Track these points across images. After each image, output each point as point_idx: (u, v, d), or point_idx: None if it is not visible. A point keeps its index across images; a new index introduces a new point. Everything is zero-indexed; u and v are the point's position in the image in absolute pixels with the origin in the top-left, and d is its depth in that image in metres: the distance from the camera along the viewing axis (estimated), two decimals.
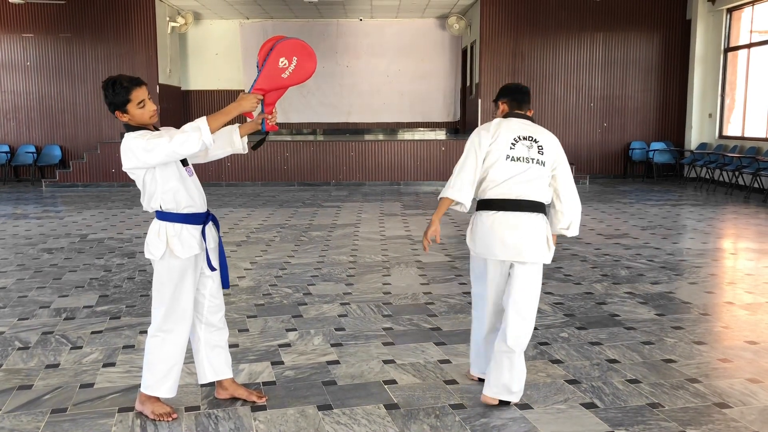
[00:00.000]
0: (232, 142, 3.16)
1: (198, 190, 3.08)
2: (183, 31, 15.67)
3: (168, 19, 14.70)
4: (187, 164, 3.06)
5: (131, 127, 2.97)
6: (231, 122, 3.18)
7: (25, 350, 4.04)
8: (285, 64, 3.02)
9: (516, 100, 3.40)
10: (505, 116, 3.39)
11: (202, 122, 2.85)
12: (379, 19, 16.45)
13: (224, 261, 3.22)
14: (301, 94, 16.16)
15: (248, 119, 3.20)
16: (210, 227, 3.13)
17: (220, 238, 3.23)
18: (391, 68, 16.65)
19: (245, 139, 3.21)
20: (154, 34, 14.01)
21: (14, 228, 8.46)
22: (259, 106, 3.09)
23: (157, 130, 3.03)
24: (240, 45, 16.46)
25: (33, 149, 14.04)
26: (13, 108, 14.24)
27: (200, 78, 16.44)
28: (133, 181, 3.05)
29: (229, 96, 16.57)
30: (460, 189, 3.19)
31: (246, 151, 3.24)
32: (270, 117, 3.13)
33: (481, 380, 3.41)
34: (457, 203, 3.23)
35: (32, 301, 5.11)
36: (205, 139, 2.83)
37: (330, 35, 16.48)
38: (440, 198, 3.26)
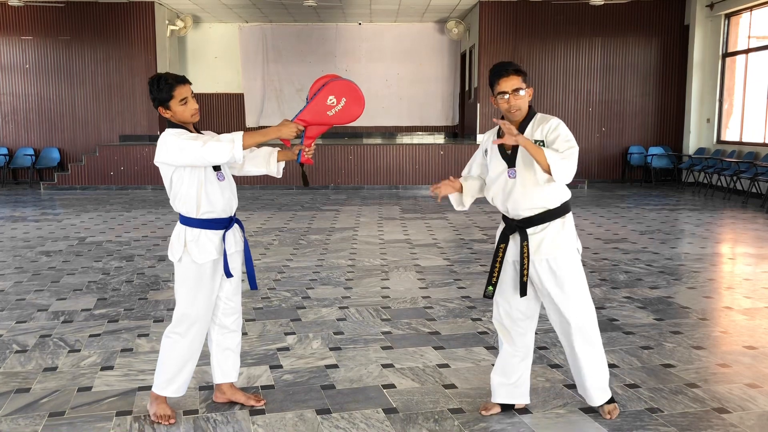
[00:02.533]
0: (268, 163, 3.21)
1: (223, 196, 3.07)
2: (182, 35, 15.68)
3: (167, 22, 14.71)
4: (220, 169, 3.08)
5: (172, 124, 3.03)
6: (272, 146, 3.21)
7: (22, 353, 4.03)
8: (333, 102, 3.06)
9: None
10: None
11: (237, 136, 2.88)
12: (378, 23, 16.47)
13: (251, 263, 3.25)
14: (299, 97, 16.17)
15: (285, 146, 3.21)
16: (233, 231, 3.15)
17: (246, 241, 3.24)
18: (390, 72, 16.67)
19: (281, 164, 3.24)
20: (153, 38, 14.03)
21: (12, 230, 8.45)
22: (298, 136, 3.10)
23: (199, 131, 3.09)
24: (239, 48, 16.47)
25: (31, 152, 14.03)
26: (11, 110, 14.24)
27: (199, 81, 16.40)
28: (132, 184, 3.09)
29: (229, 99, 16.59)
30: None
31: (280, 176, 3.26)
32: (307, 150, 3.15)
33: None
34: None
35: (30, 304, 5.10)
36: (236, 152, 2.86)
37: (329, 39, 16.51)
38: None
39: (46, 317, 4.76)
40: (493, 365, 3.80)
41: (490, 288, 3.12)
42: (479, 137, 13.92)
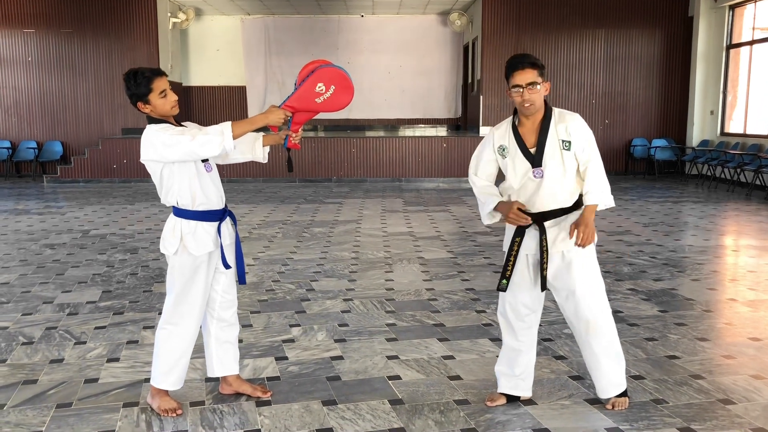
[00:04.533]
0: (254, 149, 3.18)
1: (215, 187, 3.09)
2: (184, 27, 15.66)
3: (169, 14, 14.69)
4: (207, 160, 3.07)
5: (153, 119, 2.99)
6: (256, 131, 3.19)
7: (29, 345, 4.05)
8: (322, 90, 3.01)
9: None
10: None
11: (226, 127, 2.85)
12: (381, 15, 16.43)
13: (241, 257, 3.23)
14: None
15: (272, 132, 3.19)
16: (227, 224, 3.15)
17: (237, 234, 3.24)
18: (392, 64, 16.64)
19: (266, 148, 3.22)
20: (155, 30, 14.00)
21: (16, 223, 8.46)
22: (286, 122, 3.07)
23: (180, 124, 3.05)
24: (241, 41, 16.45)
25: (34, 145, 14.04)
26: (14, 103, 14.24)
27: (201, 74, 16.43)
28: (135, 177, 3.08)
29: (231, 92, 16.58)
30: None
31: (266, 161, 3.24)
32: (294, 135, 3.12)
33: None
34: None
35: (35, 297, 5.11)
36: (227, 144, 2.84)
37: (331, 31, 16.47)
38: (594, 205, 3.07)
39: (52, 309, 4.78)
40: (497, 357, 3.82)
41: (504, 281, 3.08)
42: (482, 130, 13.90)
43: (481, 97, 13.93)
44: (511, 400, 3.23)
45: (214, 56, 16.45)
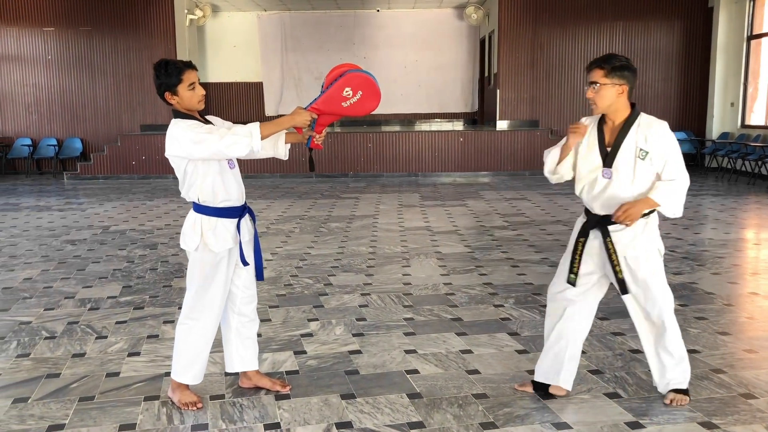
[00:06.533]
0: (276, 146, 3.19)
1: (237, 183, 3.11)
2: (201, 24, 15.73)
3: (186, 11, 14.76)
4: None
5: (179, 113, 2.99)
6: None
7: (51, 339, 4.11)
8: (349, 95, 3.02)
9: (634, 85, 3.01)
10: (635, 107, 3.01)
11: (255, 128, 2.86)
12: (397, 9, 16.39)
13: (259, 253, 3.25)
14: (318, 86, 16.14)
15: (297, 133, 3.20)
16: (246, 220, 3.17)
17: (255, 231, 3.26)
18: (408, 59, 16.59)
19: (288, 146, 3.23)
20: (172, 27, 14.09)
21: (38, 220, 8.57)
22: (311, 124, 3.09)
23: (205, 118, 3.08)
24: (258, 37, 16.49)
25: (54, 142, 14.19)
26: (35, 101, 14.40)
27: (219, 70, 16.50)
28: (154, 173, 3.11)
29: (248, 88, 16.63)
30: None
31: (287, 158, 3.26)
32: (317, 136, 3.13)
33: None
34: None
35: (57, 292, 5.18)
36: (255, 145, 2.86)
37: (347, 26, 16.46)
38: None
39: (73, 304, 4.84)
40: (516, 351, 3.82)
41: (573, 276, 3.08)
42: (499, 124, 13.84)
43: (498, 90, 13.86)
44: (540, 389, 3.23)
45: (230, 53, 16.51)
